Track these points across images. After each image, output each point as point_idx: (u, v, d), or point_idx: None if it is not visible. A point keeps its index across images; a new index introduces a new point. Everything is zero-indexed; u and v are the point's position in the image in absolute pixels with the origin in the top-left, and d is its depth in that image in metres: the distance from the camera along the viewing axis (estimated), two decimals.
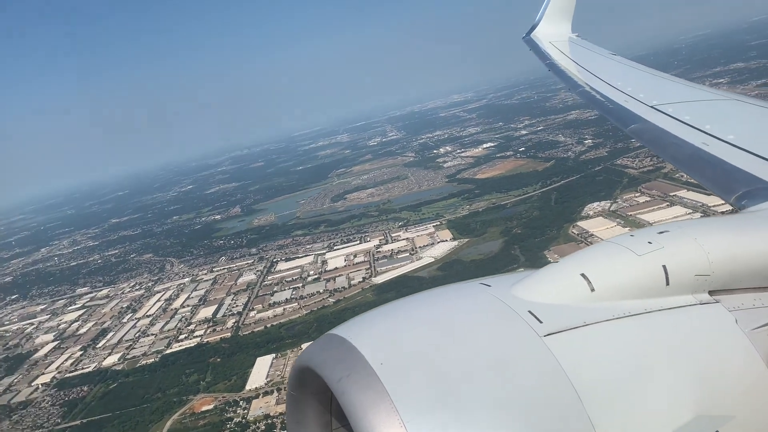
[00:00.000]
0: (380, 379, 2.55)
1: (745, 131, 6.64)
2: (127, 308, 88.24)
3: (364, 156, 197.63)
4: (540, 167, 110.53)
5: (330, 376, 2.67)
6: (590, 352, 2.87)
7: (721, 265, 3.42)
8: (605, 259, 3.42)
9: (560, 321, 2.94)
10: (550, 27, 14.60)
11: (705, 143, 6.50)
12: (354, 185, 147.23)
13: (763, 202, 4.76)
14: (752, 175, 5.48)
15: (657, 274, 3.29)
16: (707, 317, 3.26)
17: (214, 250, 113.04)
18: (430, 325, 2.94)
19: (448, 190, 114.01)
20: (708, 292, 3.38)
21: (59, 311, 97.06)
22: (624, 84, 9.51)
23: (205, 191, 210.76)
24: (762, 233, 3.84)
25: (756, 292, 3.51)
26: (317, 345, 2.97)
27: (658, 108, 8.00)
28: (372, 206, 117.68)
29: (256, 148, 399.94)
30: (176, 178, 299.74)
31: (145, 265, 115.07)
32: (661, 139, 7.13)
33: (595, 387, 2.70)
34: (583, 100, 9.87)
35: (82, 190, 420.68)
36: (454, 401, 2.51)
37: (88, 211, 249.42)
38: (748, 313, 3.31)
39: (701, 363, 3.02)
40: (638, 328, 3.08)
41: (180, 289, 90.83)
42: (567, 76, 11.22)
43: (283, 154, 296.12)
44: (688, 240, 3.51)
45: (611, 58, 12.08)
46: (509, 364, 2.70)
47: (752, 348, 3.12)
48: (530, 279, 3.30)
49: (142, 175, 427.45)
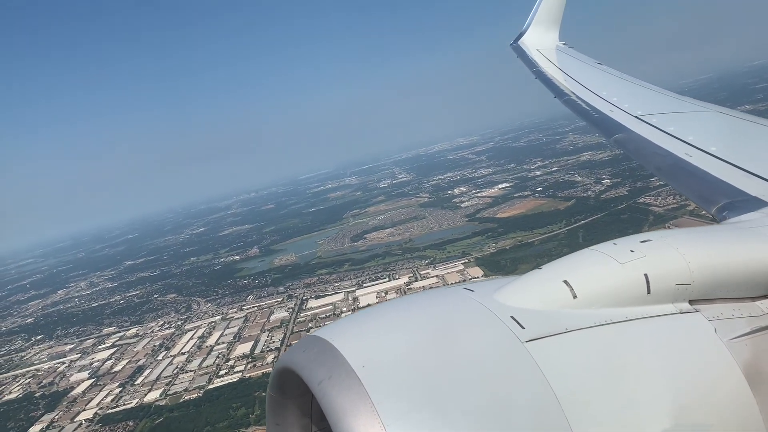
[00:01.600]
0: (361, 381, 2.54)
1: (728, 143, 6.70)
2: (159, 346, 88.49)
3: (377, 197, 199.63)
4: (561, 206, 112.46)
5: (311, 377, 2.66)
6: (571, 359, 2.89)
7: (701, 275, 3.45)
8: (588, 266, 3.46)
9: (542, 327, 2.96)
10: (537, 35, 14.52)
11: (688, 154, 6.55)
12: (371, 225, 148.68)
13: (743, 214, 4.79)
14: (734, 186, 5.50)
15: (638, 282, 3.33)
16: (687, 326, 3.29)
17: (239, 290, 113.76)
18: (412, 329, 2.94)
19: (470, 228, 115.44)
20: (688, 301, 3.42)
21: (89, 350, 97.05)
22: (609, 94, 9.57)
23: (219, 233, 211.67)
24: (742, 244, 3.92)
25: (735, 302, 3.54)
26: (299, 346, 2.96)
27: (643, 118, 8.05)
28: (394, 245, 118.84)
29: (263, 191, 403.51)
30: (186, 221, 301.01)
31: (170, 304, 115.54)
32: (644, 149, 7.15)
33: (576, 393, 2.73)
34: (568, 109, 9.82)
35: (89, 234, 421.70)
36: (435, 405, 2.52)
37: (100, 254, 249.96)
38: (727, 323, 3.34)
39: (681, 371, 3.05)
40: (619, 336, 3.10)
41: (212, 327, 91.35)
42: (553, 84, 11.23)
43: (293, 197, 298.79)
44: (669, 249, 3.55)
45: (597, 67, 12.12)
46: (491, 369, 2.72)
47: (731, 357, 3.15)
48: (513, 285, 3.32)
49: (149, 218, 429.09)
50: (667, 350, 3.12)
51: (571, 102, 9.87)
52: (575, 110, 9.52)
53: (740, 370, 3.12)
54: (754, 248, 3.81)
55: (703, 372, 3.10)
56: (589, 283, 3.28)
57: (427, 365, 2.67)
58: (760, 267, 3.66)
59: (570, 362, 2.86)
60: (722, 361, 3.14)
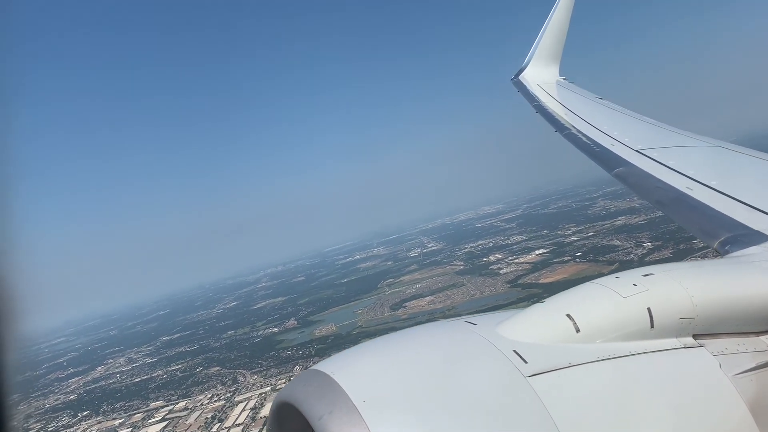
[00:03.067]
0: (363, 417, 2.51)
1: (729, 177, 6.66)
2: (212, 418, 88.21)
3: (409, 266, 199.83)
4: (605, 270, 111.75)
5: (311, 412, 2.62)
6: (575, 394, 2.87)
7: (705, 309, 3.42)
8: (590, 300, 3.45)
9: (545, 361, 2.94)
10: (538, 70, 14.57)
11: (689, 188, 6.54)
12: (409, 294, 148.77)
13: (746, 248, 4.78)
14: (735, 220, 5.50)
15: (641, 316, 3.32)
16: (691, 361, 3.26)
17: (284, 361, 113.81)
18: (414, 363, 2.90)
19: (515, 294, 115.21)
20: (692, 335, 3.40)
21: (139, 424, 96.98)
22: (610, 128, 9.56)
23: (252, 306, 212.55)
24: (746, 278, 3.92)
25: (739, 337, 3.51)
26: (299, 380, 2.91)
27: (643, 152, 8.02)
28: (437, 312, 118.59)
29: (291, 265, 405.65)
30: (216, 296, 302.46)
31: (215, 377, 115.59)
32: (645, 183, 7.13)
33: (579, 429, 2.71)
34: (570, 142, 9.78)
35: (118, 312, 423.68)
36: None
37: (133, 331, 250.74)
38: (731, 358, 3.31)
39: (685, 407, 3.02)
40: (623, 371, 3.07)
41: (263, 398, 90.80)
42: (554, 118, 11.23)
43: (321, 269, 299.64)
44: (672, 283, 3.52)
45: (598, 101, 12.11)
46: (494, 405, 2.69)
47: (736, 393, 3.12)
48: (516, 318, 3.32)
49: (177, 295, 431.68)
50: (672, 386, 3.11)
51: (571, 136, 9.88)
52: (576, 144, 9.52)
53: (746, 406, 3.09)
54: (758, 282, 3.82)
55: (709, 408, 3.08)
56: (592, 317, 3.30)
57: (428, 400, 2.65)
58: (764, 301, 3.65)
59: (573, 397, 2.85)
60: (728, 396, 3.12)
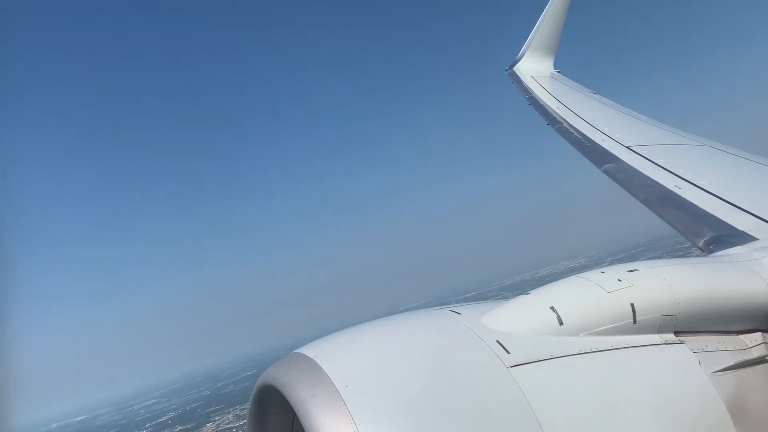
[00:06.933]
0: (345, 402, 2.52)
1: (717, 177, 6.69)
2: None
3: None
4: None
5: (294, 396, 2.63)
6: (556, 386, 2.88)
7: (687, 307, 3.45)
8: (575, 293, 3.43)
9: (528, 353, 2.95)
10: (532, 62, 14.43)
11: (678, 186, 6.55)
12: None
13: (730, 248, 4.79)
14: (722, 220, 5.52)
15: (625, 311, 3.33)
16: (672, 357, 3.30)
17: None
18: (397, 350, 2.91)
19: None
20: (674, 332, 3.43)
21: None
22: (602, 123, 9.50)
23: None
24: (729, 278, 3.92)
25: (720, 335, 3.55)
26: (283, 364, 2.90)
27: (634, 149, 8.02)
28: None
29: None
30: None
31: None
32: (634, 179, 7.14)
33: (559, 420, 2.73)
34: (561, 136, 9.79)
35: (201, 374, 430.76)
36: (417, 429, 2.53)
37: (226, 391, 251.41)
38: (711, 356, 3.35)
39: (664, 403, 3.05)
40: (604, 365, 3.11)
41: None
42: (546, 111, 11.18)
43: None
44: (656, 280, 3.53)
45: (591, 96, 12.05)
46: (475, 393, 2.71)
47: (714, 391, 3.16)
48: (500, 309, 3.29)
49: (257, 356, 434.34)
50: (651, 381, 3.14)
51: (563, 130, 9.86)
52: (567, 138, 9.53)
53: (723, 404, 3.14)
54: (741, 282, 3.84)
55: (686, 404, 3.13)
56: (576, 311, 3.28)
57: (410, 388, 2.67)
58: (745, 301, 3.69)
59: (554, 389, 2.87)
60: (705, 394, 3.16)
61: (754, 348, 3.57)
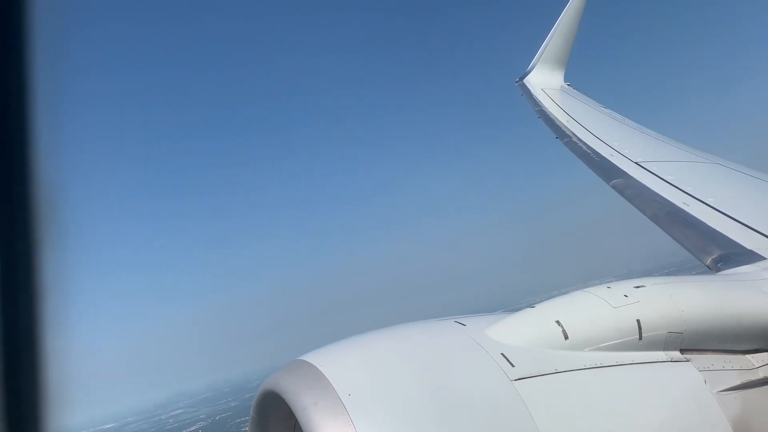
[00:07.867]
0: (347, 410, 2.52)
1: (725, 195, 6.64)
2: None
3: None
4: None
5: (296, 402, 2.63)
6: (560, 401, 2.86)
7: (694, 324, 3.41)
8: (581, 308, 3.42)
9: (532, 366, 2.93)
10: (543, 74, 14.24)
11: (686, 203, 6.49)
12: None
13: (738, 267, 4.74)
14: (729, 238, 5.47)
15: (630, 327, 3.30)
16: (677, 375, 3.26)
17: None
18: (401, 360, 2.92)
19: None
20: (680, 350, 3.38)
21: None
22: (611, 138, 9.42)
23: None
24: (736, 297, 3.89)
25: (726, 354, 3.49)
26: (285, 370, 2.90)
27: (642, 165, 7.95)
28: None
29: None
30: None
31: None
32: (642, 195, 7.09)
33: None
34: (570, 150, 9.76)
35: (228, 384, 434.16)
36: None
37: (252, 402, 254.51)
38: (717, 375, 3.30)
39: (669, 421, 3.02)
40: (608, 381, 3.08)
41: None
42: (556, 124, 11.12)
43: None
44: (663, 296, 3.51)
45: (601, 110, 11.93)
46: (478, 406, 2.71)
47: (719, 410, 3.13)
48: (505, 321, 3.27)
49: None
50: (656, 399, 3.10)
51: (572, 144, 9.81)
52: (576, 152, 9.47)
53: (729, 424, 3.08)
54: (748, 301, 3.77)
55: (692, 423, 3.09)
56: (582, 326, 3.25)
57: (413, 398, 2.66)
58: (753, 321, 3.61)
59: (558, 404, 2.85)
60: (711, 413, 3.11)
61: (761, 368, 3.51)
